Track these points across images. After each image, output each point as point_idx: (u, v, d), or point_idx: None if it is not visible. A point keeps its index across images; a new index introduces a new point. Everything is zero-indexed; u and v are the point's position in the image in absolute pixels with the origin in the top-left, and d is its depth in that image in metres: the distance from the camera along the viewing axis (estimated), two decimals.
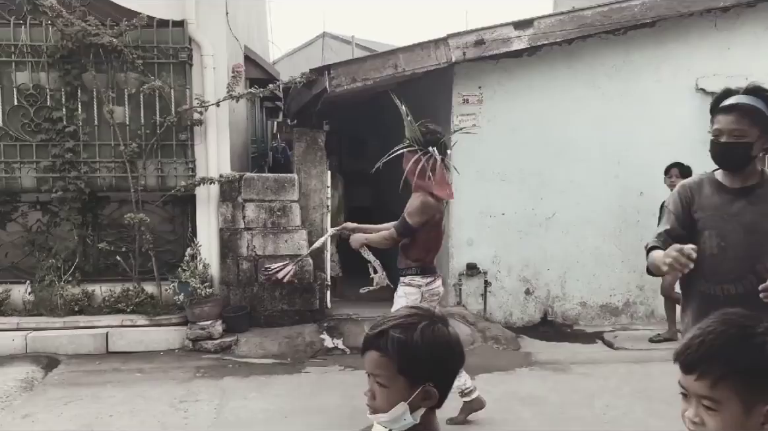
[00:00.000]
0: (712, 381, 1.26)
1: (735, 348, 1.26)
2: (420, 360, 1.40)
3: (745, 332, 1.29)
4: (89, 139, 6.13)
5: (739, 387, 1.25)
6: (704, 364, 1.27)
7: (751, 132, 2.44)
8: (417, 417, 1.42)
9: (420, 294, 4.01)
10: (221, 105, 6.23)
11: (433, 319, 1.45)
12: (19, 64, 6.04)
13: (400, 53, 5.99)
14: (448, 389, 1.48)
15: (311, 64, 9.25)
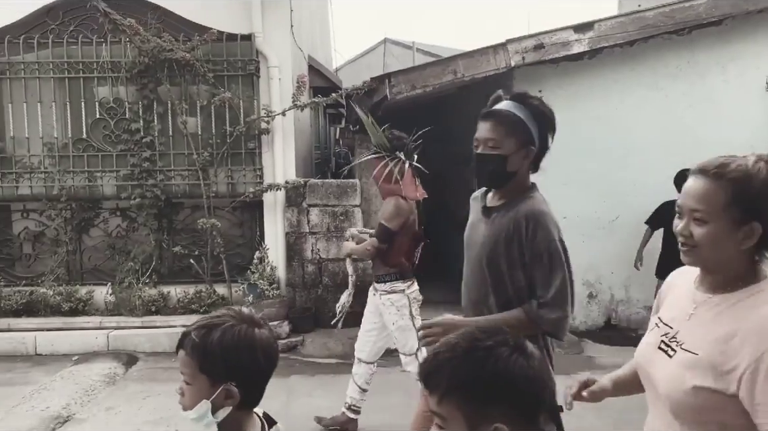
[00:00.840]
0: (438, 397, 1.22)
1: (457, 363, 1.21)
2: (217, 360, 1.45)
3: (472, 345, 1.22)
4: (164, 149, 6.49)
5: (461, 403, 1.19)
6: (431, 379, 1.23)
7: (506, 143, 2.17)
8: (221, 415, 1.47)
9: (406, 297, 4.01)
10: (287, 114, 6.48)
11: (241, 321, 1.49)
12: (101, 80, 6.46)
13: (459, 59, 6.08)
14: (256, 389, 1.53)
15: (373, 70, 9.45)
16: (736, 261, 1.48)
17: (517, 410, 1.20)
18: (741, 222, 1.44)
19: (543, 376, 1.24)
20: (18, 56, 6.39)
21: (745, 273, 1.49)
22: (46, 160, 6.50)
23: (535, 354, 1.24)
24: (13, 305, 6.28)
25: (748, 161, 1.47)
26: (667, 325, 1.62)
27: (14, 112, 6.50)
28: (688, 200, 1.52)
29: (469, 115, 4.33)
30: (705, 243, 1.48)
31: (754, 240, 1.44)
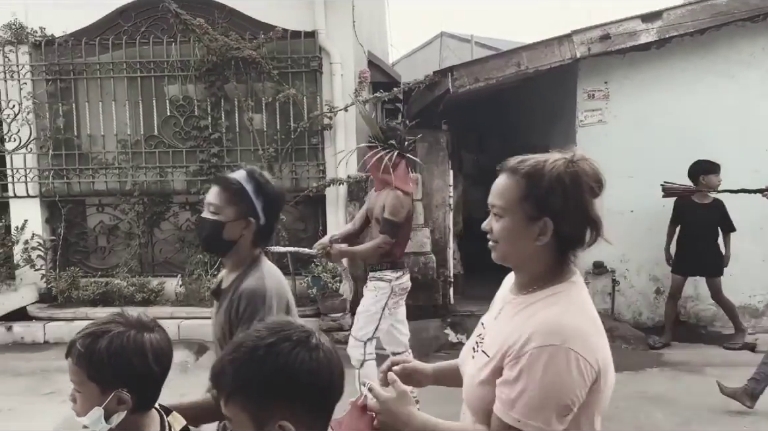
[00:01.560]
0: (224, 399, 1.20)
1: (239, 363, 1.19)
2: (105, 368, 1.44)
3: (254, 344, 1.20)
4: (231, 145, 6.67)
5: (246, 403, 1.18)
6: (218, 382, 1.22)
7: (225, 210, 2.13)
8: (115, 420, 1.48)
9: (390, 288, 4.04)
10: (348, 109, 6.56)
11: (129, 327, 1.49)
12: (171, 78, 6.69)
13: (522, 51, 6.03)
14: (151, 392, 1.53)
15: (429, 64, 9.44)
16: (535, 259, 1.46)
17: (305, 404, 1.20)
18: (534, 218, 1.42)
19: (329, 368, 1.22)
20: (93, 57, 6.68)
21: (547, 273, 1.46)
22: (120, 157, 6.77)
23: (323, 347, 1.23)
24: (90, 295, 6.59)
25: (548, 158, 1.45)
26: (482, 326, 1.63)
27: (90, 110, 6.80)
28: (491, 195, 1.51)
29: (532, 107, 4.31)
30: (502, 238, 1.47)
31: (548, 236, 1.41)
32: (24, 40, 6.57)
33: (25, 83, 6.60)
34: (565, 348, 1.31)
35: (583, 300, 1.45)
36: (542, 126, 7.59)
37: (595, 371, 1.34)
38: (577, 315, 1.39)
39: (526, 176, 1.44)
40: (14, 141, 6.60)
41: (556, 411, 1.32)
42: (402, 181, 4.05)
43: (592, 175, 1.42)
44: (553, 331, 1.34)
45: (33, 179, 6.74)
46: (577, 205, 1.40)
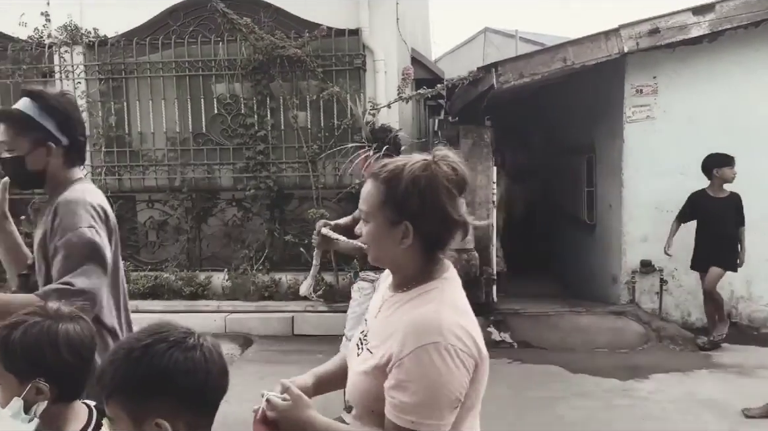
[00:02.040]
0: (106, 400, 1.24)
1: (117, 365, 1.23)
2: (19, 358, 1.46)
3: (131, 346, 1.23)
4: (276, 142, 6.77)
5: (124, 403, 1.22)
6: (99, 384, 1.25)
7: (18, 144, 2.02)
8: (35, 412, 1.49)
9: (373, 288, 3.97)
10: (392, 107, 6.58)
11: (47, 317, 1.50)
12: (218, 77, 6.83)
13: (569, 46, 5.95)
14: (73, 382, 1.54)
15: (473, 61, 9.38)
16: (404, 260, 1.48)
17: (183, 403, 1.24)
18: (395, 222, 1.44)
19: (206, 367, 1.25)
20: (144, 57, 6.87)
21: (418, 272, 1.48)
22: (169, 154, 6.95)
23: (201, 347, 1.26)
24: (140, 288, 6.78)
25: (408, 161, 1.45)
26: (365, 322, 1.65)
27: (140, 109, 6.99)
28: (360, 201, 1.52)
29: (578, 103, 4.24)
30: (369, 242, 1.49)
31: (410, 239, 1.43)
32: (78, 41, 6.80)
33: (80, 83, 6.84)
34: (444, 344, 1.35)
35: (455, 295, 1.48)
36: (587, 122, 7.47)
37: (474, 361, 1.40)
38: (451, 311, 1.42)
39: (385, 181, 1.45)
40: None
41: (447, 406, 1.37)
42: None
43: (451, 176, 1.43)
44: (431, 329, 1.37)
45: (86, 175, 6.95)
46: (434, 206, 1.42)
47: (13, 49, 6.82)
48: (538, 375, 5.20)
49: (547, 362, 5.48)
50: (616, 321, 6.23)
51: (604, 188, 7.05)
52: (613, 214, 6.69)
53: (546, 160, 9.96)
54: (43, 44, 6.80)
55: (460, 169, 1.46)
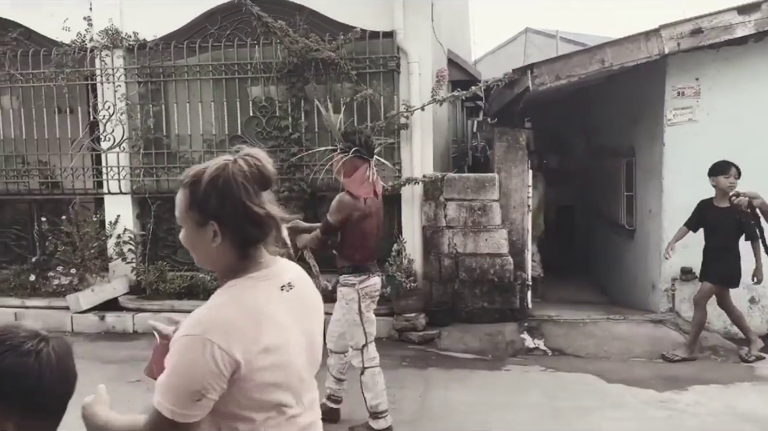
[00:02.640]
0: None
1: None
2: None
3: None
4: (310, 145, 6.78)
5: None
6: None
7: None
8: None
9: (356, 292, 4.00)
10: (426, 109, 6.52)
11: None
12: (254, 80, 6.88)
13: (607, 47, 5.81)
14: None
15: (513, 61, 9.27)
16: (219, 259, 1.53)
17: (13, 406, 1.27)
18: (202, 223, 1.50)
19: (39, 372, 1.28)
20: (182, 60, 6.97)
21: (231, 270, 1.53)
22: (206, 156, 7.02)
23: (40, 352, 1.29)
24: (176, 288, 6.89)
25: (210, 163, 1.51)
26: None
27: (178, 111, 7.10)
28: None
29: (617, 105, 4.12)
30: (186, 245, 1.56)
31: (219, 237, 1.49)
32: (119, 44, 6.94)
33: (119, 85, 6.97)
34: (202, 338, 1.40)
35: (248, 294, 1.50)
36: (626, 125, 7.29)
37: (233, 362, 1.41)
38: (230, 308, 1.46)
39: (188, 186, 1.52)
40: (109, 140, 6.98)
41: (187, 396, 1.40)
42: (355, 184, 4.01)
43: (249, 172, 1.49)
44: (197, 322, 1.44)
45: (125, 177, 7.11)
46: (233, 203, 1.47)
47: (57, 53, 7.00)
48: (572, 384, 5.08)
49: (582, 371, 5.35)
50: (655, 330, 6.05)
51: (643, 193, 6.86)
52: (653, 219, 6.51)
53: (585, 164, 9.77)
54: (85, 48, 6.96)
55: (262, 165, 1.51)
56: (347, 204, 3.99)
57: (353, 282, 4.02)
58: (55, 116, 7.24)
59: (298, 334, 1.57)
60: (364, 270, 4.06)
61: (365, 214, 4.04)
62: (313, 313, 1.67)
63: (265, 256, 1.57)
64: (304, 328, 1.60)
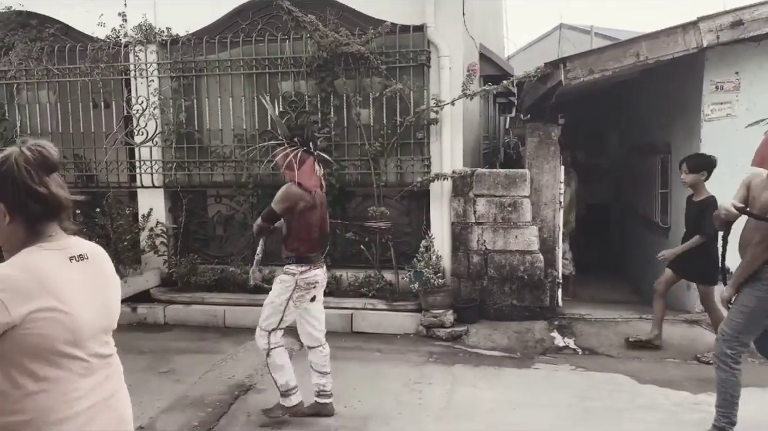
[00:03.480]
0: None
1: None
2: None
3: None
4: (339, 140, 6.78)
5: None
6: None
7: None
8: None
9: (294, 281, 4.17)
10: (456, 103, 6.46)
11: None
12: (284, 74, 6.90)
13: (642, 41, 5.67)
14: None
15: (547, 57, 9.13)
16: (11, 236, 1.74)
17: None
18: None
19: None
20: (213, 55, 7.02)
21: (24, 244, 1.73)
22: (236, 150, 7.08)
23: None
24: (207, 281, 6.96)
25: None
26: None
27: (210, 106, 7.16)
28: None
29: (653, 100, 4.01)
30: None
31: (8, 217, 1.71)
32: (152, 39, 7.02)
33: (152, 80, 7.05)
34: None
35: (34, 257, 1.70)
36: (662, 121, 7.11)
37: (7, 314, 1.58)
38: (13, 268, 1.66)
39: None
40: (142, 135, 7.07)
41: None
42: (305, 176, 4.16)
43: (33, 158, 1.71)
44: None
45: (158, 170, 7.20)
46: (16, 185, 1.69)
47: (93, 49, 7.12)
48: (602, 383, 4.99)
49: (613, 371, 5.25)
50: (689, 330, 5.92)
51: (679, 190, 6.68)
52: None
53: (619, 160, 9.58)
54: (119, 43, 7.06)
55: (45, 151, 1.74)
56: (294, 194, 4.15)
57: (293, 272, 4.19)
58: (90, 110, 7.38)
59: (88, 299, 1.77)
60: (307, 261, 4.21)
61: (310, 205, 4.20)
62: (108, 283, 1.89)
63: (58, 233, 1.79)
64: (96, 295, 1.81)
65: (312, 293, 4.29)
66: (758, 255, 3.69)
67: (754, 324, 3.81)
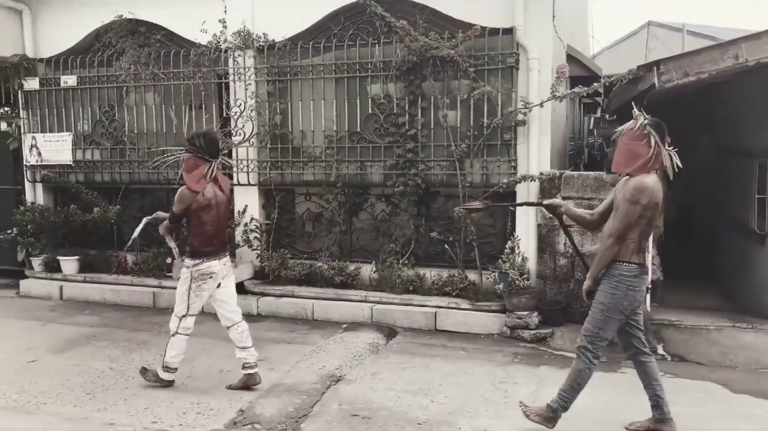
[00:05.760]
0: None
1: None
2: None
3: None
4: (426, 141, 6.93)
5: None
6: None
7: None
8: None
9: (189, 273, 4.75)
10: (544, 105, 6.48)
11: None
12: (374, 78, 7.11)
13: (741, 42, 5.50)
14: None
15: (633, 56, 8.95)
16: None
17: None
18: None
19: None
20: (307, 59, 7.32)
21: None
22: (326, 151, 7.36)
23: None
24: (296, 275, 7.28)
25: None
26: None
27: (302, 108, 7.47)
28: None
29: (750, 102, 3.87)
30: None
31: None
32: (250, 45, 7.39)
33: (250, 84, 7.43)
34: None
35: None
36: (760, 124, 6.84)
37: None
38: None
39: None
40: (239, 135, 7.46)
41: None
42: (192, 180, 4.64)
43: None
44: None
45: (253, 169, 7.58)
46: None
47: (195, 54, 7.56)
48: (693, 391, 4.92)
49: (704, 378, 5.16)
50: None
51: None
52: None
53: (710, 163, 9.25)
54: (219, 49, 7.47)
55: None
56: (186, 196, 4.68)
57: (188, 265, 4.78)
58: (191, 112, 7.85)
59: None
60: (199, 255, 4.76)
61: (203, 206, 4.73)
62: None
63: None
64: None
65: (211, 282, 4.82)
66: (606, 250, 3.85)
67: (611, 320, 3.93)
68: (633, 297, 3.87)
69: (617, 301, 3.86)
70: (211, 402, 4.64)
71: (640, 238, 3.84)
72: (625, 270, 3.84)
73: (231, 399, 4.70)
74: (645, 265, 3.94)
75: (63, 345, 6.06)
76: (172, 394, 4.79)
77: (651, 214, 3.80)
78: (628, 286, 3.84)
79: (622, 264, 3.84)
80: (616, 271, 3.86)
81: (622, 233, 3.79)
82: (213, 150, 4.75)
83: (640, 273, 3.88)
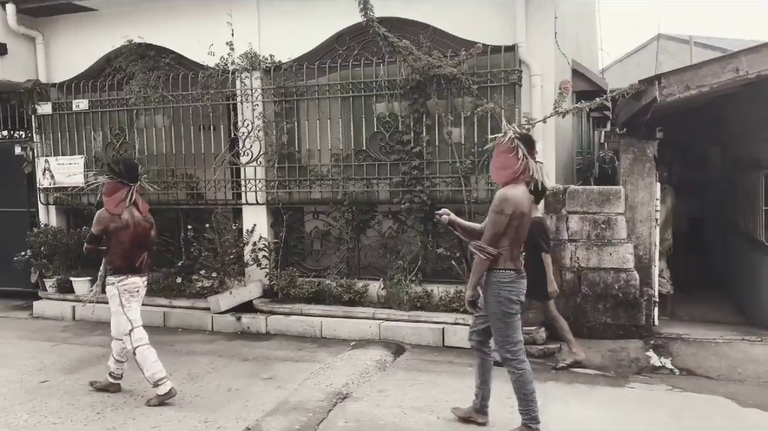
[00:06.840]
0: None
1: None
2: None
3: None
4: (431, 158, 6.98)
5: None
6: None
7: None
8: None
9: (116, 289, 5.03)
10: (547, 121, 6.51)
11: None
12: (378, 97, 7.19)
13: (742, 55, 5.53)
14: None
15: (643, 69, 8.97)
16: None
17: None
18: None
19: None
20: (313, 80, 7.43)
21: None
22: (333, 169, 7.43)
23: None
24: (305, 293, 7.32)
25: None
26: None
27: (309, 127, 7.56)
28: None
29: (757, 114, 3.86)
30: None
31: None
32: (257, 66, 7.52)
33: (257, 104, 7.55)
34: None
35: None
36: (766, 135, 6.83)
37: None
38: None
39: None
40: (247, 155, 7.56)
41: None
42: (111, 203, 5.02)
43: None
44: None
45: (261, 189, 7.67)
46: None
47: (203, 76, 7.70)
48: (701, 405, 4.88)
49: (713, 392, 5.11)
50: None
51: None
52: None
53: (719, 175, 9.22)
54: (227, 71, 7.60)
55: None
56: (104, 218, 5.02)
57: (113, 281, 5.05)
58: (200, 133, 7.97)
59: None
60: (121, 271, 5.02)
61: (122, 226, 5.01)
62: None
63: None
64: None
65: (138, 296, 5.12)
66: (480, 260, 4.04)
67: (511, 323, 4.13)
68: (516, 295, 4.10)
69: (505, 305, 4.07)
70: (219, 421, 4.67)
71: (512, 246, 4.05)
72: (502, 276, 4.07)
73: (238, 417, 4.73)
74: (521, 269, 4.15)
75: (74, 366, 6.13)
76: (180, 413, 4.83)
77: (518, 223, 4.01)
78: (509, 291, 4.07)
79: (498, 272, 4.07)
80: (494, 278, 4.08)
81: (491, 242, 4.01)
82: (132, 175, 5.12)
83: (517, 278, 4.12)
